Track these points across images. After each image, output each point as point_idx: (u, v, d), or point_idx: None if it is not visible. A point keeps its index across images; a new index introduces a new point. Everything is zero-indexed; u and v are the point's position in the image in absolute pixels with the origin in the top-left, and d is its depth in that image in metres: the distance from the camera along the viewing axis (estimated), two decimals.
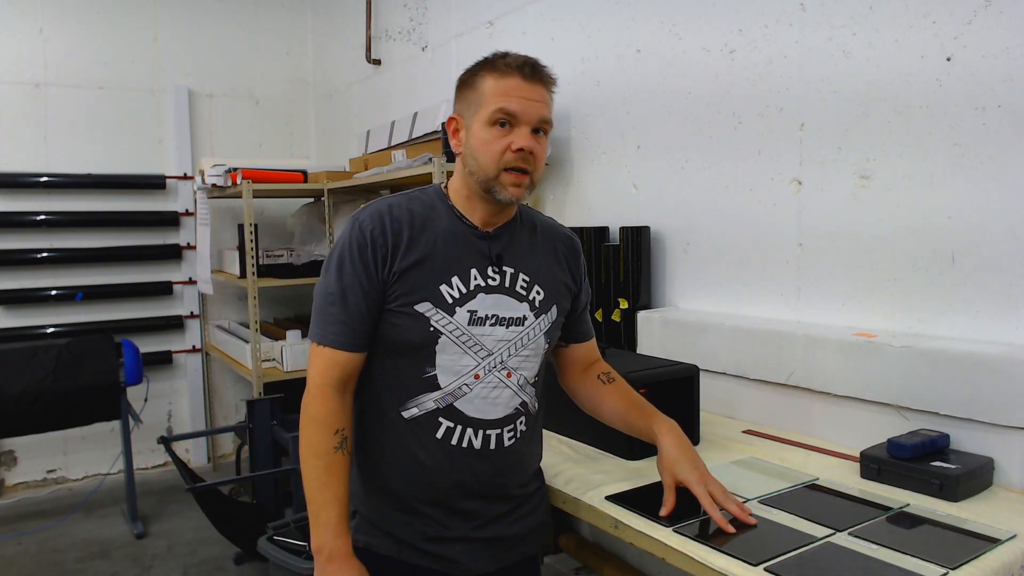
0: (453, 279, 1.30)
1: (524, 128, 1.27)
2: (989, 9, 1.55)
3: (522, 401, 1.36)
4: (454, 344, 1.29)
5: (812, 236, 1.94)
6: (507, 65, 1.27)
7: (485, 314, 1.31)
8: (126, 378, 3.53)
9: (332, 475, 1.25)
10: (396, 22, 3.87)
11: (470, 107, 1.30)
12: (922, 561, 1.15)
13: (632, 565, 2.44)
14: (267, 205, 4.74)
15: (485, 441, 1.32)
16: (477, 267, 1.32)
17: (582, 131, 2.68)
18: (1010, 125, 1.53)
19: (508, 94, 1.26)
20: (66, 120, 4.22)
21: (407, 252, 1.28)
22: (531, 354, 1.36)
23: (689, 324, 2.13)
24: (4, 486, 4.18)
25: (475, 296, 1.30)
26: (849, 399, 1.74)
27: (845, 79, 1.83)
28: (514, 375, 1.34)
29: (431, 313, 1.28)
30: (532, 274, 1.37)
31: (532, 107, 1.27)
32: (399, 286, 1.28)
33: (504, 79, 1.27)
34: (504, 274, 1.34)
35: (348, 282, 1.27)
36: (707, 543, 1.23)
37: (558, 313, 1.41)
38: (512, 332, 1.33)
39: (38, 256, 4.13)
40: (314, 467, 1.25)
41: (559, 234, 1.47)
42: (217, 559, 3.27)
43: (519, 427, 1.36)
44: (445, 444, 1.30)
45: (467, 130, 1.30)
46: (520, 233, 1.39)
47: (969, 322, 1.63)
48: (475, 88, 1.29)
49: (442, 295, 1.29)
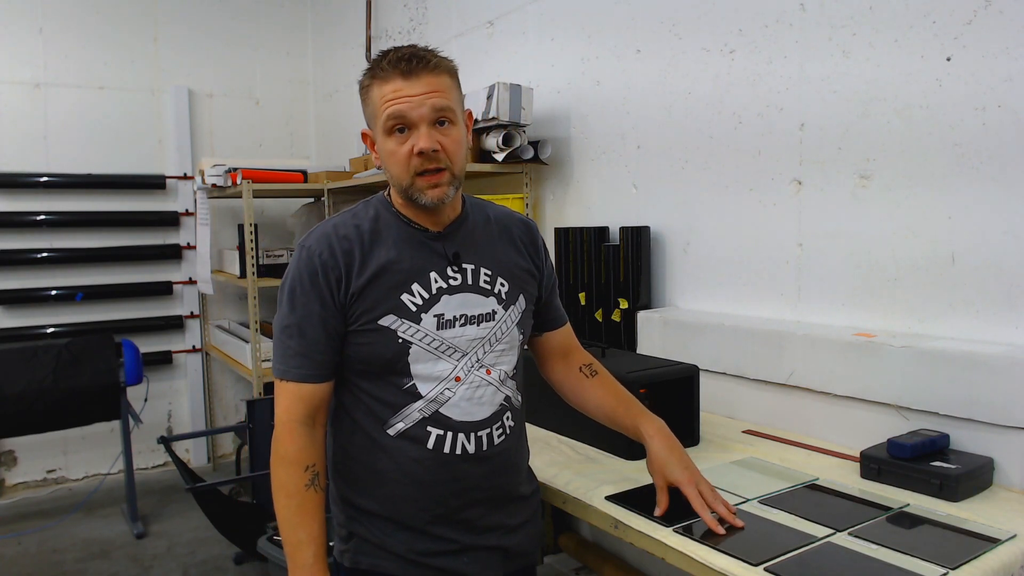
0: (413, 286, 1.26)
1: (422, 128, 1.21)
2: (989, 9, 1.55)
3: (505, 396, 1.34)
4: (426, 352, 1.26)
5: (812, 236, 1.94)
6: (387, 66, 1.22)
7: (453, 315, 1.28)
8: (126, 378, 3.52)
9: (305, 514, 1.21)
10: (396, 22, 3.87)
11: (371, 121, 1.27)
12: (922, 561, 1.15)
13: (632, 565, 2.44)
14: (267, 205, 4.74)
15: (478, 443, 1.29)
16: (436, 269, 1.28)
17: (582, 131, 2.68)
18: (1010, 125, 1.53)
19: (391, 99, 1.21)
20: (66, 120, 4.21)
21: (361, 269, 1.25)
22: (507, 348, 1.34)
23: (689, 324, 2.13)
24: (4, 486, 4.18)
25: (439, 299, 1.27)
26: (849, 399, 1.74)
27: (845, 79, 1.83)
28: (493, 371, 1.31)
29: (397, 325, 1.24)
30: (493, 267, 1.34)
31: (421, 103, 1.21)
32: (359, 304, 1.24)
33: (386, 83, 1.22)
34: (464, 272, 1.31)
35: (303, 312, 1.24)
36: (707, 543, 1.23)
37: (526, 302, 1.38)
38: (484, 329, 1.30)
39: (38, 256, 4.13)
40: (286, 507, 1.22)
41: (514, 220, 1.43)
42: (217, 559, 3.27)
43: (507, 423, 1.34)
44: (438, 453, 1.27)
45: (376, 143, 1.28)
46: (473, 227, 1.35)
47: (969, 322, 1.63)
48: (368, 99, 1.26)
49: (405, 304, 1.25)
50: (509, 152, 2.67)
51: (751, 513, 1.36)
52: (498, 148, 2.67)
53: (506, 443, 1.34)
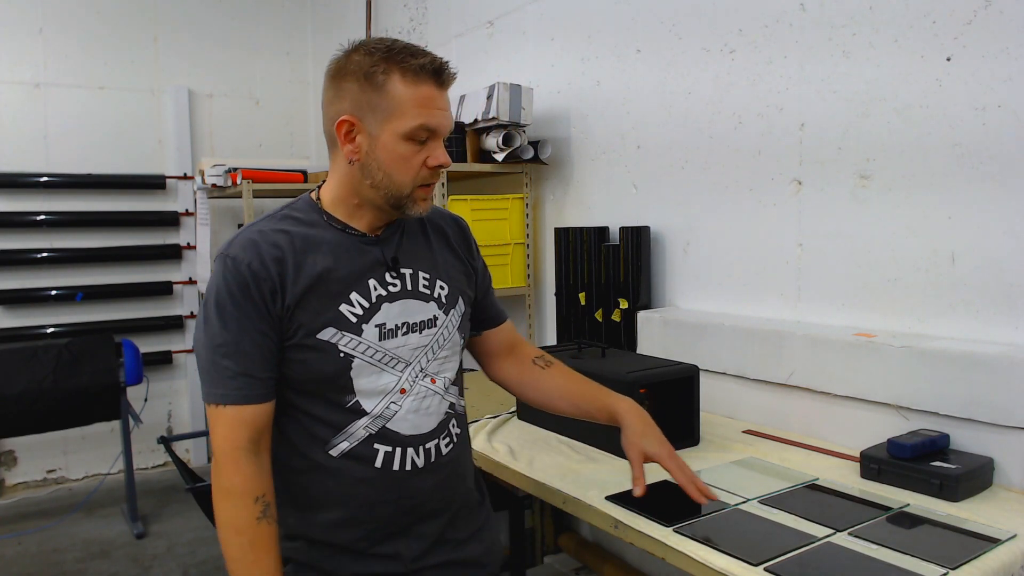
0: (352, 295, 1.18)
1: (439, 141, 1.17)
2: (989, 9, 1.55)
3: (450, 404, 1.28)
4: (369, 365, 1.17)
5: (812, 236, 1.94)
6: (420, 68, 1.13)
7: (395, 324, 1.20)
8: (126, 378, 3.52)
9: (259, 550, 1.12)
10: (396, 22, 3.88)
11: (376, 112, 1.13)
12: (922, 561, 1.15)
13: (632, 565, 2.44)
14: (267, 205, 4.73)
15: (426, 456, 1.22)
16: (374, 276, 1.20)
17: (582, 131, 2.68)
18: (1010, 125, 1.53)
19: (428, 106, 1.13)
20: (66, 120, 4.21)
21: (296, 278, 1.14)
22: (449, 354, 1.28)
23: (689, 324, 2.13)
24: (4, 486, 4.18)
25: (379, 308, 1.19)
26: (849, 399, 1.74)
27: (845, 79, 1.83)
28: (438, 379, 1.25)
29: (337, 338, 1.15)
30: (431, 270, 1.27)
31: (447, 119, 1.17)
32: (296, 318, 1.14)
33: (419, 86, 1.13)
34: (403, 277, 1.23)
35: (236, 328, 1.12)
36: (707, 543, 1.23)
37: (465, 304, 1.32)
38: (426, 336, 1.24)
39: (38, 256, 4.13)
40: (237, 546, 1.12)
41: (445, 218, 1.37)
42: (217, 559, 3.27)
43: (452, 431, 1.28)
44: (387, 471, 1.19)
45: (371, 138, 1.14)
46: (408, 230, 1.29)
47: (969, 322, 1.63)
48: (382, 89, 1.12)
49: (344, 316, 1.16)
50: (509, 152, 2.68)
51: (751, 513, 1.37)
52: (498, 148, 2.67)
53: (453, 452, 1.28)
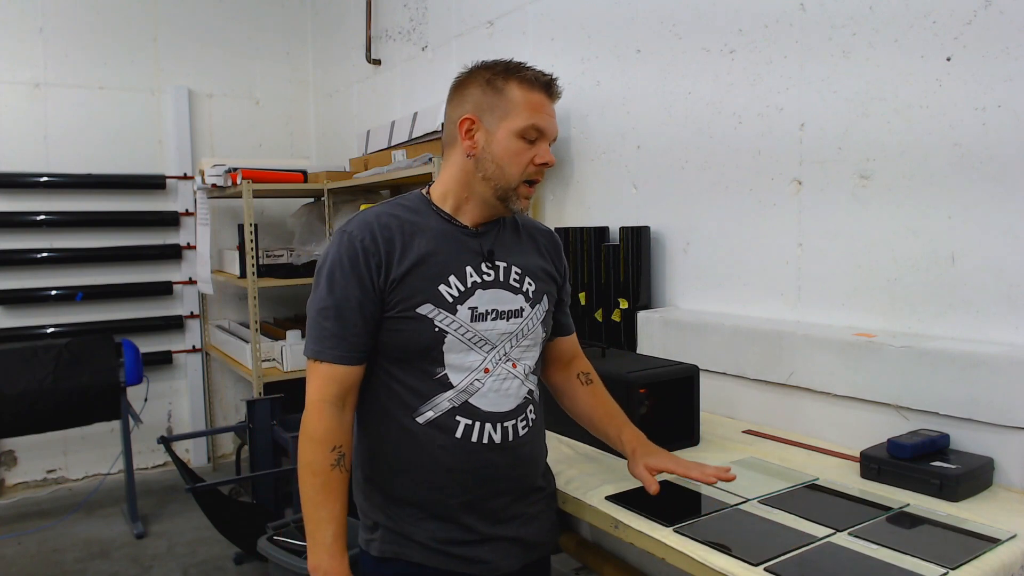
0: (450, 278, 1.31)
1: (546, 143, 1.32)
2: (989, 9, 1.55)
3: (529, 390, 1.39)
4: (460, 342, 1.30)
5: (812, 236, 1.94)
6: (535, 79, 1.31)
7: (486, 309, 1.33)
8: (126, 378, 3.52)
9: (329, 493, 1.24)
10: (396, 22, 3.87)
11: (494, 112, 1.30)
12: (922, 561, 1.15)
13: (632, 565, 2.44)
14: (267, 205, 4.74)
15: (504, 434, 1.33)
16: (471, 264, 1.34)
17: (582, 131, 2.68)
18: (1010, 125, 1.53)
19: (538, 110, 1.30)
20: (66, 120, 4.21)
21: (402, 257, 1.29)
22: (531, 344, 1.40)
23: (689, 324, 2.13)
24: (4, 486, 4.18)
25: (473, 293, 1.32)
26: (849, 399, 1.74)
27: (845, 79, 1.83)
28: (519, 365, 1.37)
29: (434, 314, 1.29)
30: (522, 267, 1.40)
31: (554, 125, 1.34)
32: (399, 292, 1.28)
33: (532, 92, 1.30)
34: (497, 268, 1.37)
35: (342, 295, 1.27)
36: (707, 543, 1.23)
37: (549, 303, 1.44)
38: (513, 324, 1.36)
39: (38, 256, 4.13)
40: (311, 486, 1.25)
41: (540, 230, 1.52)
42: (217, 559, 3.27)
43: (529, 416, 1.39)
44: (466, 442, 1.31)
45: (488, 134, 1.31)
46: (504, 230, 1.43)
47: (969, 322, 1.63)
48: (501, 93, 1.30)
49: (442, 295, 1.30)
50: None
51: (751, 513, 1.36)
52: None
53: (529, 435, 1.38)
